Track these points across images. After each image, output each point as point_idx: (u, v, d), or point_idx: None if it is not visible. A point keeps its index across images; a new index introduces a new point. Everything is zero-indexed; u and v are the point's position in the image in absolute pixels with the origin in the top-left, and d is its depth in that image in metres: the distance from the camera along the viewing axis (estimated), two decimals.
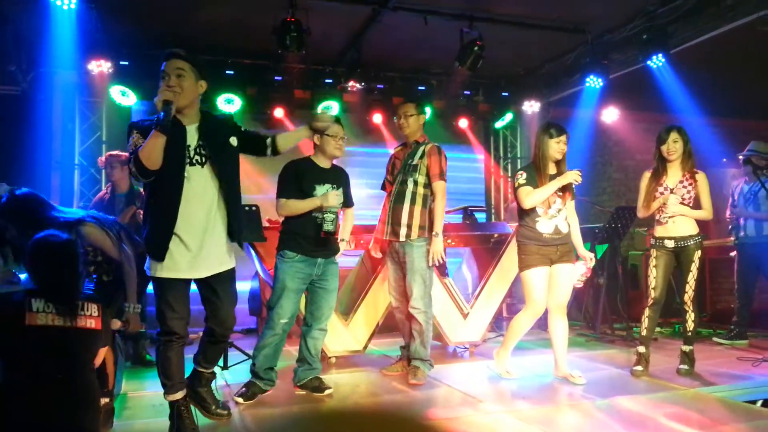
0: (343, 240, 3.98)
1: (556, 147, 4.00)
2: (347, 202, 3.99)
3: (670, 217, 4.16)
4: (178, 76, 2.85)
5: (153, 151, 2.73)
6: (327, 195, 3.68)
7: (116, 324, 3.14)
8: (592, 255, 4.21)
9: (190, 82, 2.89)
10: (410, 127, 4.20)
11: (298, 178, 3.76)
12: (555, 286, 4.09)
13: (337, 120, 3.79)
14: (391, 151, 4.52)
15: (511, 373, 4.23)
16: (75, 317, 2.53)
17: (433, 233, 4.11)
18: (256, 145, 3.21)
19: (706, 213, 4.19)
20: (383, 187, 4.46)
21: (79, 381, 2.54)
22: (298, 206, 3.72)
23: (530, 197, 3.97)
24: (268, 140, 3.20)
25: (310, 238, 3.73)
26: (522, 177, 4.05)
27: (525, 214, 4.07)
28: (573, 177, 3.93)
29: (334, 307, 4.02)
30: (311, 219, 3.72)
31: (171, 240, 2.87)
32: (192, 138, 2.95)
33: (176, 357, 3.00)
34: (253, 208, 4.54)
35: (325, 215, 3.65)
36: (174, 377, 3.01)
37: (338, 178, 3.91)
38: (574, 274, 4.16)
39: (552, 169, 4.04)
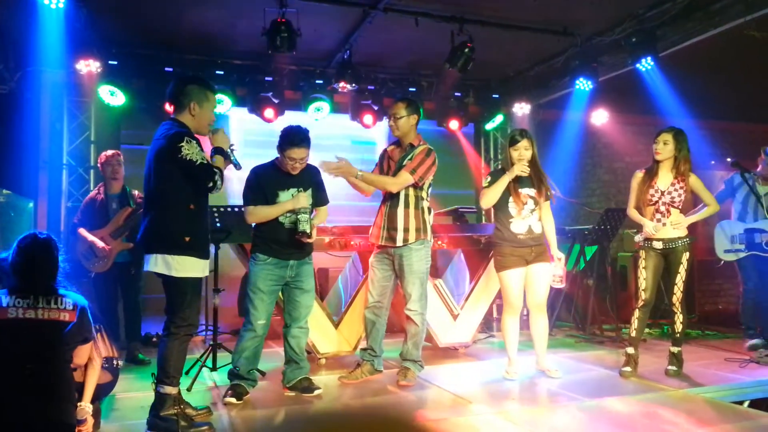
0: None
1: (515, 155, 4.10)
2: (318, 202, 3.91)
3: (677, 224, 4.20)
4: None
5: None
6: (298, 197, 3.69)
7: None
8: (561, 255, 4.29)
9: None
10: (400, 129, 4.11)
11: (260, 185, 3.73)
12: (532, 285, 4.19)
13: (300, 143, 3.68)
14: (388, 148, 4.32)
15: (509, 373, 4.24)
16: (47, 309, 2.62)
17: (359, 170, 3.94)
18: None
19: (712, 208, 4.27)
20: None
21: (53, 373, 2.59)
22: (268, 212, 3.72)
23: (485, 197, 4.14)
24: None
25: (282, 242, 3.73)
26: (486, 180, 4.22)
27: (500, 216, 4.17)
28: (518, 169, 4.04)
29: (312, 306, 3.99)
30: (280, 225, 3.72)
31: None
32: None
33: None
34: (243, 210, 4.53)
35: (299, 216, 3.63)
36: (181, 369, 3.25)
37: (305, 180, 3.84)
38: (550, 273, 4.24)
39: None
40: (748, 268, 5.06)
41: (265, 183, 3.73)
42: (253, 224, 3.85)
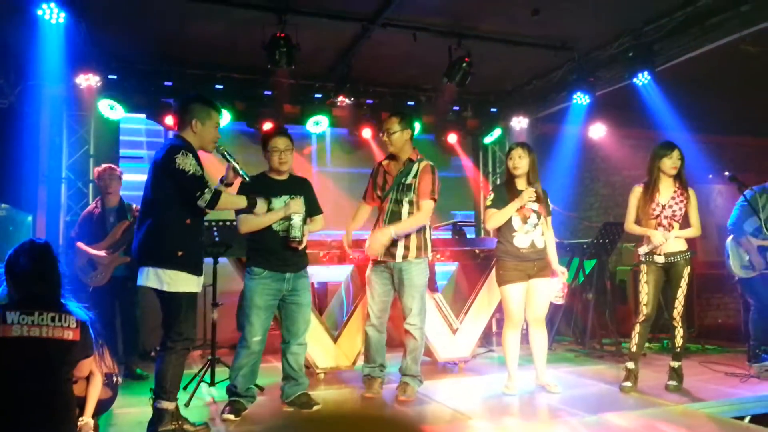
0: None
1: (510, 164, 4.19)
2: (312, 211, 3.92)
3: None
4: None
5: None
6: (290, 203, 3.65)
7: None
8: (564, 269, 4.31)
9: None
10: (395, 145, 4.08)
11: (252, 194, 3.61)
12: (532, 300, 4.19)
13: (276, 132, 3.86)
14: (383, 162, 4.27)
15: (509, 388, 4.21)
16: (52, 327, 2.56)
17: (387, 228, 3.93)
18: None
19: (695, 230, 4.26)
20: (365, 198, 4.31)
21: (55, 392, 2.57)
22: (261, 220, 3.65)
23: (491, 220, 4.17)
24: None
25: (277, 253, 3.70)
26: (489, 198, 4.24)
27: (503, 230, 4.18)
28: (527, 197, 4.08)
29: (310, 320, 3.95)
30: (275, 233, 3.69)
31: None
32: None
33: None
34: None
35: (291, 221, 3.62)
36: (179, 384, 3.24)
37: (297, 188, 3.86)
38: (550, 288, 4.24)
39: (521, 185, 4.19)
40: (758, 287, 4.97)
41: (258, 191, 3.66)
42: (248, 236, 3.83)
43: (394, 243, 4.02)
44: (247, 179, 3.50)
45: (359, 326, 4.90)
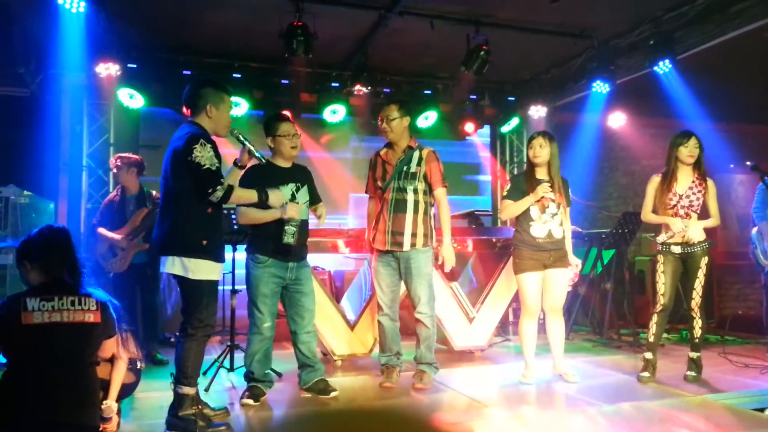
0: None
1: (530, 153, 4.18)
2: (315, 200, 3.97)
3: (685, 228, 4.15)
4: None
5: None
6: (287, 208, 3.58)
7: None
8: (578, 261, 4.32)
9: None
10: (393, 132, 4.06)
11: (258, 183, 3.50)
12: (549, 289, 4.19)
13: (285, 118, 3.89)
14: (380, 152, 4.24)
15: (526, 377, 4.21)
16: (73, 311, 2.59)
17: (445, 241, 4.10)
18: None
19: (714, 220, 4.22)
20: (368, 192, 4.30)
21: (79, 375, 2.60)
22: (261, 215, 3.61)
23: (505, 211, 4.22)
24: None
25: (279, 240, 3.66)
26: (506, 189, 4.26)
27: (520, 219, 4.17)
28: (542, 192, 4.07)
29: (314, 309, 3.95)
30: (279, 224, 3.63)
31: None
32: None
33: None
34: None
35: (285, 227, 3.56)
36: (199, 370, 3.25)
37: (302, 176, 3.90)
38: (568, 278, 4.25)
39: (540, 174, 4.17)
40: None
41: (265, 180, 3.59)
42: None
43: (400, 232, 4.03)
44: (264, 161, 3.54)
45: (376, 314, 4.92)
